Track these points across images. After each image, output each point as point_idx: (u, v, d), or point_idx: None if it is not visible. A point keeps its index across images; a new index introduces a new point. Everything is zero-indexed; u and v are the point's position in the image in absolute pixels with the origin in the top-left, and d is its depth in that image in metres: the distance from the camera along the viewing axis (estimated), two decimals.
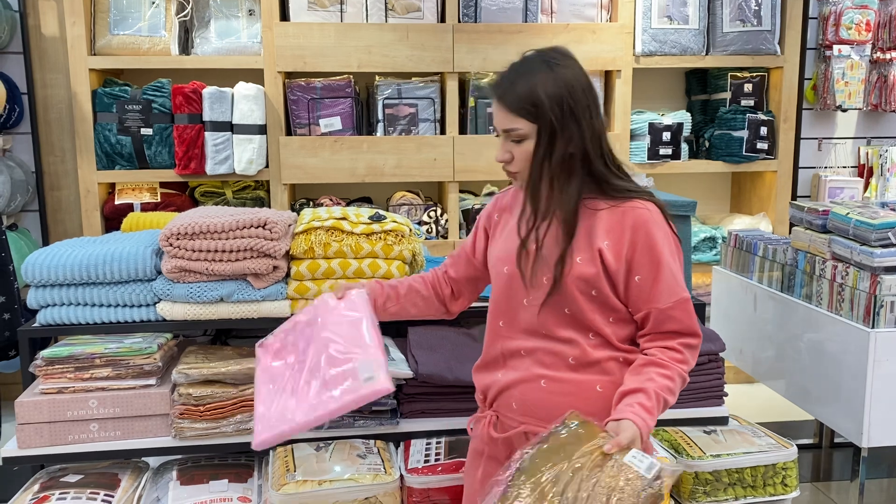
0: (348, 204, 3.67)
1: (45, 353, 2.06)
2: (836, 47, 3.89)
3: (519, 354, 1.63)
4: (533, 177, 1.56)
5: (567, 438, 1.39)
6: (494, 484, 1.38)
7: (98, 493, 2.02)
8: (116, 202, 3.51)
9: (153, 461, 2.27)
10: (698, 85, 4.10)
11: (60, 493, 2.00)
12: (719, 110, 3.90)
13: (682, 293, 1.55)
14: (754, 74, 3.91)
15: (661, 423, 2.31)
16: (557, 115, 1.51)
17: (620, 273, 1.54)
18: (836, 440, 3.28)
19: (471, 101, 3.65)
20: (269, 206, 3.59)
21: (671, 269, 1.54)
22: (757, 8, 3.76)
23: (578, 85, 1.54)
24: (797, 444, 2.32)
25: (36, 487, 2.05)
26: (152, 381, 2.11)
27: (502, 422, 1.66)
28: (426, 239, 3.56)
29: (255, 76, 3.53)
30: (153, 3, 3.46)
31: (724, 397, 2.37)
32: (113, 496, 2.03)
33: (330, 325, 1.66)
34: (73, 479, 2.09)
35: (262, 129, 3.49)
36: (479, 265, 1.79)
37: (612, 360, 1.58)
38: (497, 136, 1.61)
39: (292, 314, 2.19)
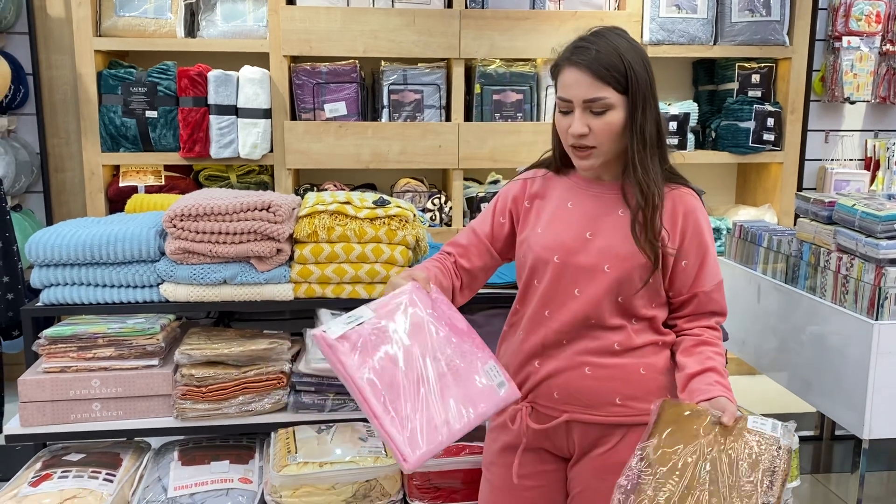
0: (352, 190, 3.66)
1: (48, 332, 2.07)
2: (845, 39, 3.87)
3: (560, 344, 1.60)
4: (637, 150, 1.50)
5: (680, 423, 1.41)
6: (621, 488, 1.37)
7: (100, 472, 2.03)
8: (121, 184, 3.51)
9: (155, 441, 2.28)
10: (706, 75, 4.07)
11: (62, 472, 2.01)
12: (726, 101, 3.88)
13: (720, 276, 1.61)
14: (762, 65, 3.88)
15: None
16: (645, 86, 1.49)
17: (671, 259, 1.56)
18: (837, 432, 3.28)
19: (477, 88, 3.63)
20: (273, 191, 3.58)
21: (713, 254, 1.59)
22: None
23: (648, 60, 1.53)
24: (798, 436, 2.31)
25: (38, 465, 2.06)
26: (155, 362, 2.11)
27: (539, 412, 1.62)
28: (430, 227, 3.56)
29: (261, 60, 3.52)
30: None
31: None
32: (114, 475, 2.04)
33: (438, 323, 1.51)
34: (75, 457, 2.10)
35: (266, 114, 3.48)
36: (496, 254, 1.72)
37: (653, 345, 1.59)
38: (565, 110, 1.52)
39: (295, 298, 2.20)
